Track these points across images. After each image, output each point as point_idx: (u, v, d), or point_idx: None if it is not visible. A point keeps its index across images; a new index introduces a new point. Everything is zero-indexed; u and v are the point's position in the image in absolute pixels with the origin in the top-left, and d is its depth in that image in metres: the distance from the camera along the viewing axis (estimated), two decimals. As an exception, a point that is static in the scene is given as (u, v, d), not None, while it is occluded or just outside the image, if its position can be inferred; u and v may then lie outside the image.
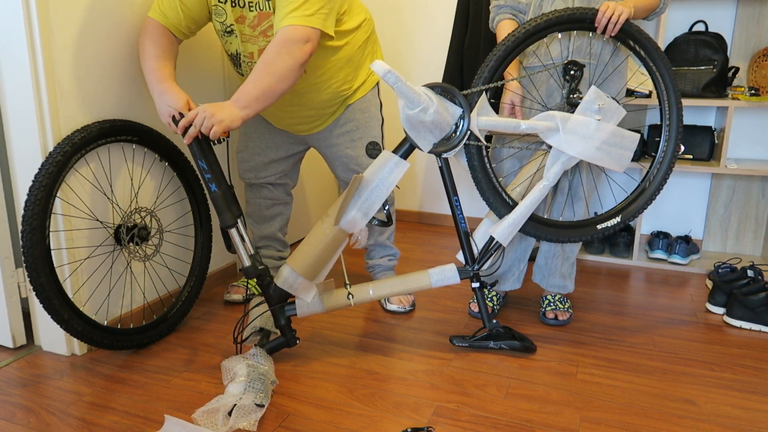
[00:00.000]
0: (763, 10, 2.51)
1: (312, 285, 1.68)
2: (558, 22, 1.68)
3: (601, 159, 1.71)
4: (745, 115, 2.63)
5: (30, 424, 1.42)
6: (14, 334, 1.79)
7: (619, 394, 1.58)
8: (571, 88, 1.73)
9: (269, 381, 1.53)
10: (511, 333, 1.80)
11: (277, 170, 2.06)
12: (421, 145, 1.64)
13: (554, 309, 2.01)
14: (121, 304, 1.87)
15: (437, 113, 1.59)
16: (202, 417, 1.41)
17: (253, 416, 1.42)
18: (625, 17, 1.66)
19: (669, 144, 1.82)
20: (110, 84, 1.77)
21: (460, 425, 1.43)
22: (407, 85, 1.53)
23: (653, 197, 1.85)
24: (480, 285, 1.76)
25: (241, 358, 1.58)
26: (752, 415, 1.50)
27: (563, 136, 1.67)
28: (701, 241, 2.77)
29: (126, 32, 1.80)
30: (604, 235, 1.87)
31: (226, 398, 1.45)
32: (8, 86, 1.60)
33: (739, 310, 2.00)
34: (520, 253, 2.02)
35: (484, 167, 1.71)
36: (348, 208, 1.63)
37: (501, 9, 1.88)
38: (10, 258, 1.74)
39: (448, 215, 3.26)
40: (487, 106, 1.67)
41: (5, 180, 1.77)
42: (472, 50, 2.63)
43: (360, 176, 1.60)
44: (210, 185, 1.64)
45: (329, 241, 1.64)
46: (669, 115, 1.81)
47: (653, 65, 1.77)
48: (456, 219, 1.74)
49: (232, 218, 1.65)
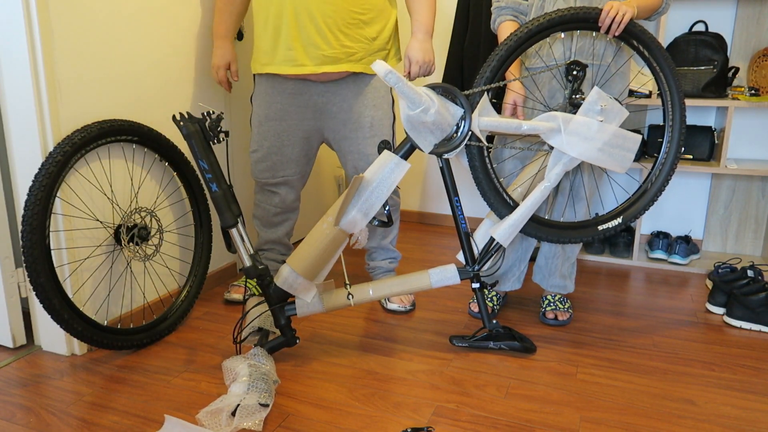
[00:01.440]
0: (763, 10, 2.51)
1: (312, 285, 1.68)
2: (561, 22, 1.67)
3: (603, 160, 1.71)
4: (745, 115, 2.63)
5: (30, 424, 1.42)
6: (14, 334, 1.79)
7: (619, 394, 1.58)
8: (574, 88, 1.73)
9: (272, 380, 1.53)
10: (511, 333, 1.80)
11: (295, 170, 2.04)
12: (422, 146, 1.64)
13: (554, 309, 2.01)
14: (121, 304, 1.87)
15: (438, 114, 1.58)
16: (206, 417, 1.41)
17: (257, 416, 1.42)
18: (629, 17, 1.66)
19: (671, 145, 1.82)
20: (110, 84, 1.77)
21: (460, 425, 1.43)
22: (408, 86, 1.53)
23: (655, 198, 1.85)
24: (480, 285, 1.76)
25: (242, 358, 1.58)
26: (752, 415, 1.50)
27: (565, 137, 1.67)
28: (701, 241, 2.78)
29: (126, 32, 1.80)
30: (605, 236, 1.87)
31: (229, 398, 1.45)
32: (8, 86, 1.60)
33: (739, 310, 2.00)
34: (521, 254, 2.02)
35: (485, 167, 1.71)
36: (348, 208, 1.63)
37: (502, 10, 1.87)
38: (10, 258, 1.74)
39: (448, 215, 3.26)
40: (489, 107, 1.66)
41: (5, 180, 1.77)
42: (472, 50, 2.63)
43: (360, 177, 1.60)
44: (211, 185, 1.64)
45: (329, 242, 1.64)
46: (672, 116, 1.81)
47: (657, 65, 1.77)
48: (456, 219, 1.74)
49: (233, 218, 1.65)
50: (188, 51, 2.05)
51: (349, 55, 1.87)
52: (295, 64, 1.87)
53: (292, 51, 1.85)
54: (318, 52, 1.85)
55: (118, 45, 1.78)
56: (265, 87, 1.96)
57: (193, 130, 1.64)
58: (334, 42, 1.84)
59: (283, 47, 1.86)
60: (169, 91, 1.99)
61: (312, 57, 1.85)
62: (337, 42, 1.84)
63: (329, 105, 1.95)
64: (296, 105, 1.95)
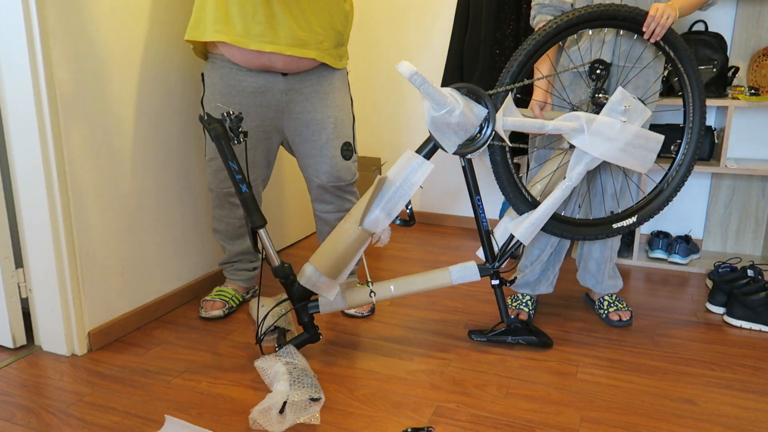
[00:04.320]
0: (763, 9, 2.51)
1: (335, 283, 1.69)
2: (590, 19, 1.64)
3: (625, 160, 1.72)
4: (745, 114, 2.63)
5: (30, 424, 1.42)
6: (14, 334, 1.79)
7: (619, 393, 1.58)
8: (597, 87, 1.73)
9: (312, 375, 1.56)
10: (529, 328, 1.82)
11: (257, 174, 1.96)
12: (446, 146, 1.64)
13: (617, 310, 2.02)
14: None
15: (463, 115, 1.58)
16: (259, 416, 1.42)
17: (311, 410, 1.46)
18: (672, 22, 1.65)
19: (690, 146, 1.83)
20: (110, 84, 1.77)
21: (460, 425, 1.43)
22: (434, 87, 1.53)
23: (670, 198, 1.87)
24: (499, 282, 1.78)
25: (274, 357, 1.60)
26: (752, 415, 1.49)
27: (588, 137, 1.68)
28: (701, 241, 2.77)
29: (126, 32, 1.80)
30: (618, 234, 1.88)
31: (275, 396, 1.47)
32: (8, 88, 1.60)
33: (739, 310, 2.00)
34: (555, 257, 2.03)
35: (506, 164, 1.72)
36: (372, 208, 1.64)
37: (543, 8, 1.83)
38: (10, 258, 1.74)
39: (448, 215, 3.26)
40: (513, 107, 1.67)
41: (5, 180, 1.77)
42: (472, 50, 2.63)
43: (383, 177, 1.61)
44: (241, 186, 1.62)
45: (352, 241, 1.64)
46: (693, 118, 1.82)
47: (682, 67, 1.77)
48: (478, 217, 1.75)
49: (262, 218, 1.65)
50: (189, 50, 2.05)
51: (318, 43, 1.80)
52: (263, 40, 1.72)
53: (261, 25, 1.71)
54: (290, 32, 1.73)
55: (118, 45, 1.78)
56: (219, 87, 1.82)
57: (221, 131, 1.60)
58: (305, 24, 1.75)
59: (250, 20, 1.70)
60: (169, 91, 1.99)
61: (282, 36, 1.73)
62: (308, 25, 1.75)
63: (291, 104, 1.86)
64: (257, 105, 1.84)
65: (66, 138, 1.65)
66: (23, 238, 1.72)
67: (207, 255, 2.26)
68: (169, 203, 2.04)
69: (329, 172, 1.91)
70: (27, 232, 1.70)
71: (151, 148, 1.94)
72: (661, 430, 1.42)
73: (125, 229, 1.88)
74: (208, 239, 2.26)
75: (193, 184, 2.14)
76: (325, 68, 1.89)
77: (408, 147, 3.27)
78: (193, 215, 2.16)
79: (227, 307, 2.05)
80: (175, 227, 2.08)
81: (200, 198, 2.19)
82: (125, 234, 1.88)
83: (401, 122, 3.24)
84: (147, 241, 1.97)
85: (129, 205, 1.88)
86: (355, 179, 1.99)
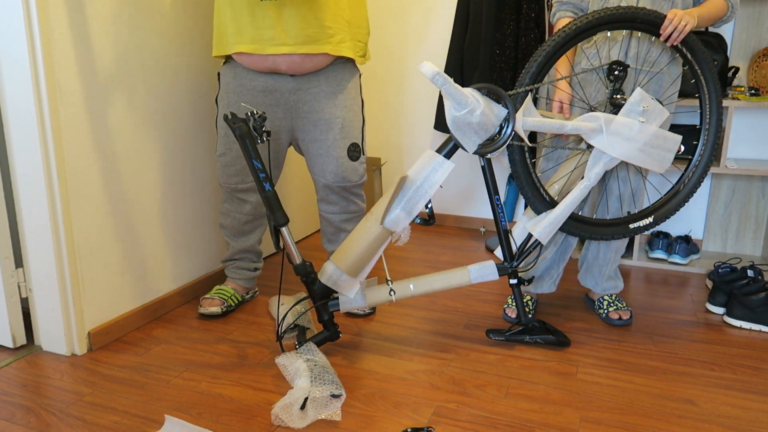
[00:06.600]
0: (763, 10, 2.51)
1: (355, 281, 1.71)
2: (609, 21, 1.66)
3: (643, 160, 1.73)
4: (745, 115, 2.63)
5: (30, 424, 1.42)
6: (14, 334, 1.79)
7: (619, 394, 1.58)
8: (615, 88, 1.74)
9: (333, 372, 1.58)
10: (546, 327, 1.84)
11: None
12: (466, 146, 1.65)
13: (617, 309, 2.02)
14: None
15: (483, 115, 1.59)
16: (281, 411, 1.44)
17: (332, 406, 1.47)
18: (690, 28, 1.67)
19: (707, 148, 1.85)
20: (110, 84, 1.77)
21: (460, 425, 1.43)
22: (455, 87, 1.54)
23: (687, 199, 1.88)
24: (518, 282, 1.80)
25: (295, 354, 1.63)
26: (752, 415, 1.49)
27: (606, 137, 1.69)
28: (701, 241, 2.77)
29: (126, 31, 1.80)
30: (635, 234, 1.89)
31: (296, 393, 1.49)
32: (8, 87, 1.60)
33: (739, 310, 2.00)
34: (559, 256, 2.03)
35: (525, 163, 1.73)
36: (392, 207, 1.65)
37: (563, 6, 1.87)
38: (10, 258, 1.75)
39: (448, 215, 3.26)
40: (532, 107, 1.68)
41: (5, 180, 1.77)
42: (472, 50, 2.63)
43: (404, 176, 1.62)
44: (264, 184, 1.63)
45: (373, 240, 1.65)
46: (709, 120, 1.84)
47: (699, 69, 1.78)
48: (496, 217, 1.77)
49: (285, 216, 1.66)
50: (189, 50, 2.05)
51: (329, 37, 1.80)
52: (274, 43, 1.76)
53: (271, 29, 1.75)
54: (299, 31, 1.75)
55: (119, 45, 1.78)
56: (232, 86, 1.88)
57: (246, 130, 1.60)
58: (314, 21, 1.75)
59: (260, 25, 1.75)
60: (169, 91, 1.99)
61: (293, 36, 1.76)
62: (317, 21, 1.76)
63: (300, 104, 1.88)
64: (266, 104, 1.88)
65: (66, 138, 1.65)
66: (23, 238, 1.72)
67: (207, 255, 2.26)
68: (169, 203, 2.04)
69: (335, 172, 1.93)
70: (27, 232, 1.71)
71: (151, 149, 1.95)
72: (661, 431, 1.42)
73: (125, 229, 1.88)
74: (208, 239, 2.26)
75: (193, 184, 2.14)
76: (336, 69, 1.90)
77: (408, 147, 3.27)
78: (193, 215, 2.16)
79: (225, 305, 2.05)
80: (175, 227, 2.08)
81: (200, 198, 2.19)
82: (125, 234, 1.88)
83: (401, 122, 3.24)
84: (147, 241, 1.97)
85: (129, 205, 1.88)
86: (362, 181, 2.00)
